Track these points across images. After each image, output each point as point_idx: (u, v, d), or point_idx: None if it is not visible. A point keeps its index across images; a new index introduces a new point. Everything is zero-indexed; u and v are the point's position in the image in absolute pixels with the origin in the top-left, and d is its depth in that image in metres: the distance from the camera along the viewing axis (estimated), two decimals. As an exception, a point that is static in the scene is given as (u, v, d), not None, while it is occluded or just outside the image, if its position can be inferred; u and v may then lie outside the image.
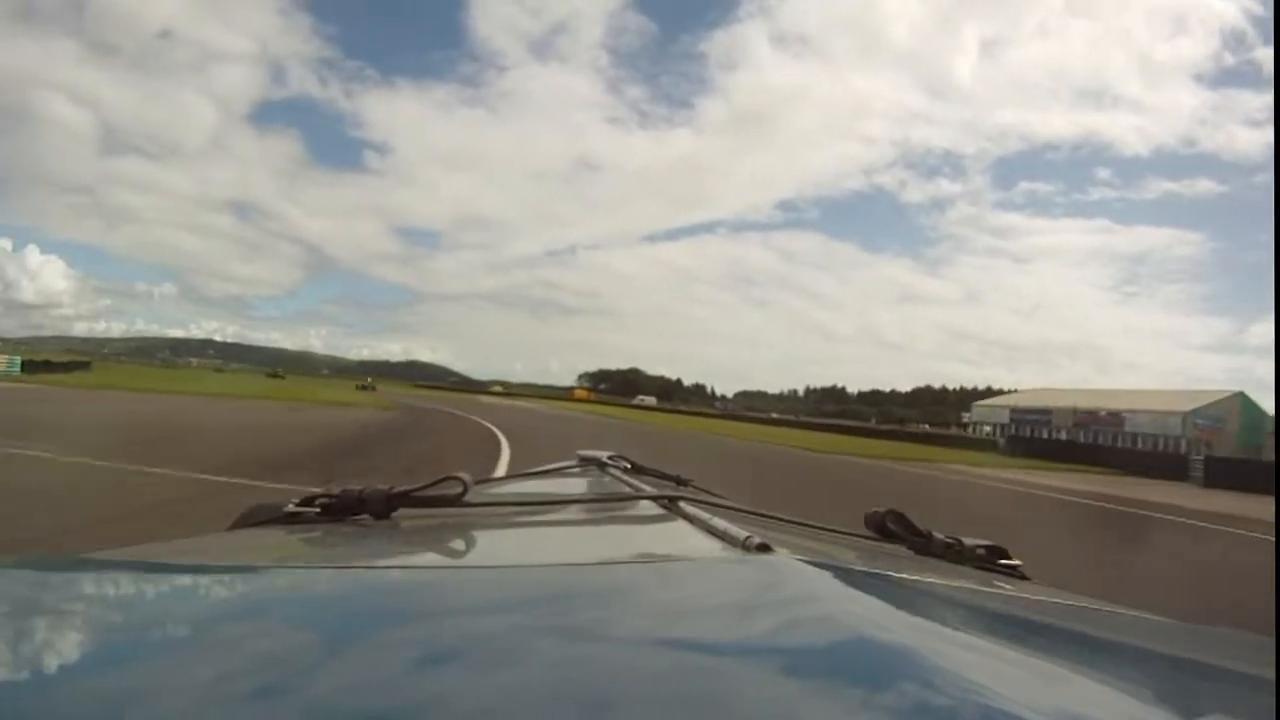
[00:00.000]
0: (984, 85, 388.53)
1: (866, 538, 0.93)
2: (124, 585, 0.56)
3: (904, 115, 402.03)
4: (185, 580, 0.57)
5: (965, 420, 73.47)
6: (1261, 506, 14.68)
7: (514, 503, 0.95)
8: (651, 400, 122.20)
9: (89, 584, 0.56)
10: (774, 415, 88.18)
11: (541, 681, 0.37)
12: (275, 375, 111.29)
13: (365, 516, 0.79)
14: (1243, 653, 0.61)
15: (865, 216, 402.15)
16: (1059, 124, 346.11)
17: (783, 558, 0.59)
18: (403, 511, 0.80)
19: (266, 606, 0.50)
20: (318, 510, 0.81)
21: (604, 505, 0.91)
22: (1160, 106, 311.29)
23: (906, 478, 16.65)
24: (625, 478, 1.20)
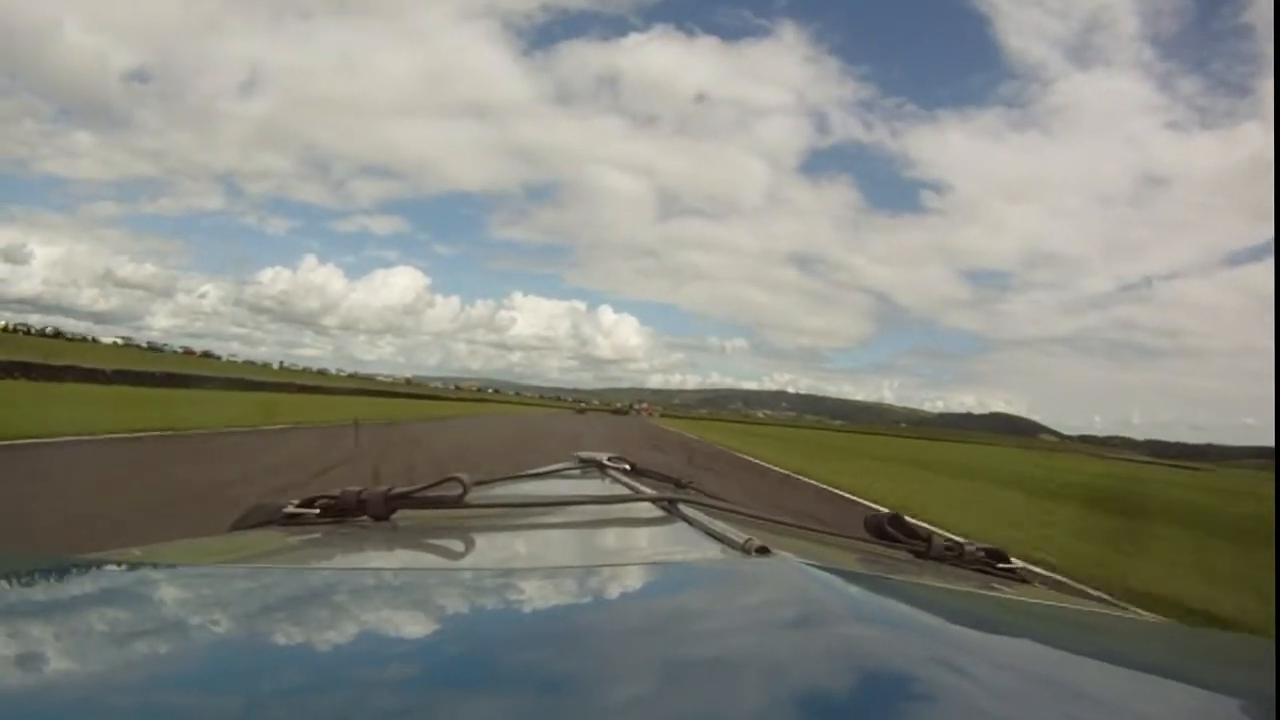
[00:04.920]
0: None
1: (866, 541, 0.92)
2: (124, 586, 0.56)
3: None
4: (185, 581, 0.57)
5: None
6: None
7: (513, 504, 0.96)
8: None
9: (89, 584, 0.56)
10: None
11: (542, 683, 0.37)
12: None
13: (365, 518, 0.79)
14: (1243, 655, 0.61)
15: None
16: None
17: (782, 560, 0.59)
18: (402, 513, 0.81)
19: (266, 608, 0.50)
20: (317, 511, 0.82)
21: (604, 507, 0.91)
22: None
23: None
24: (625, 479, 1.20)
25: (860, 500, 10.30)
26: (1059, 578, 5.31)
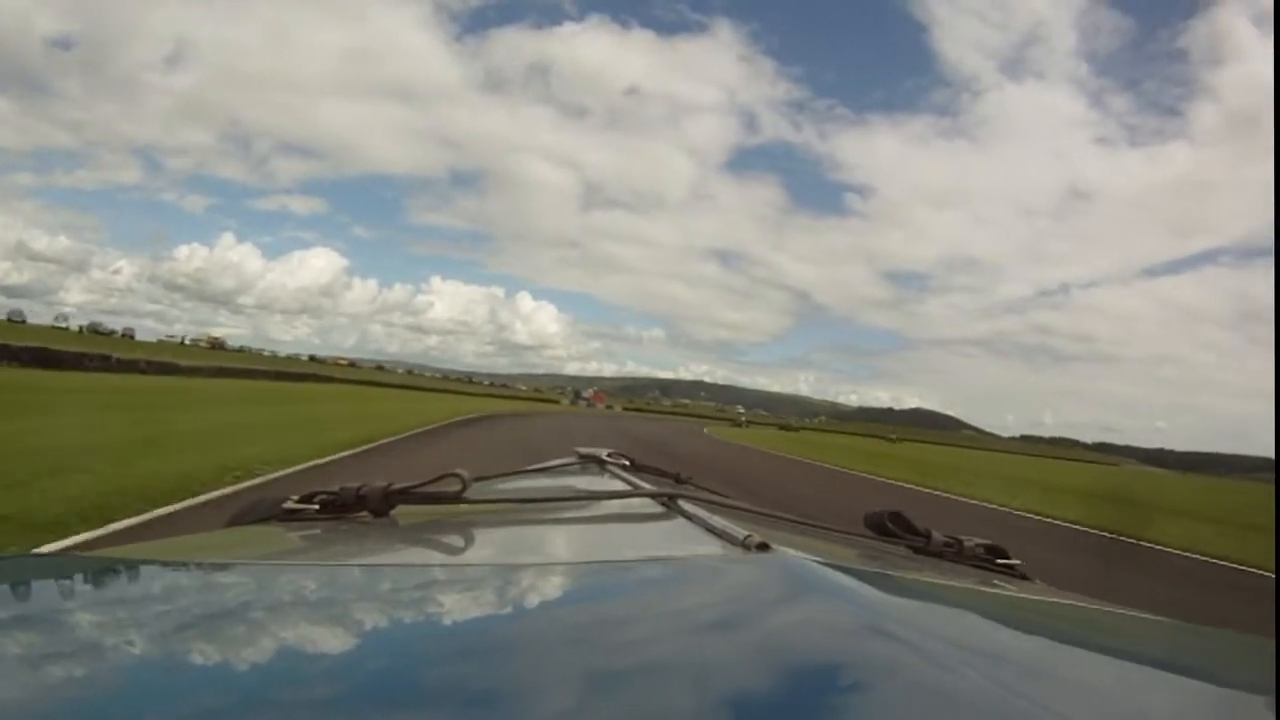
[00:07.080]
0: None
1: (866, 537, 0.92)
2: (122, 584, 0.56)
3: None
4: (184, 578, 0.57)
5: None
6: None
7: (513, 500, 0.96)
8: None
9: (87, 583, 0.55)
10: None
11: (540, 679, 0.37)
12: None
13: (364, 514, 0.79)
14: (1242, 653, 0.60)
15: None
16: None
17: (782, 556, 0.59)
18: (401, 509, 0.80)
19: (265, 604, 0.50)
20: (316, 507, 0.81)
21: (603, 503, 0.91)
22: None
23: None
24: (625, 475, 1.19)
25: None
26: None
